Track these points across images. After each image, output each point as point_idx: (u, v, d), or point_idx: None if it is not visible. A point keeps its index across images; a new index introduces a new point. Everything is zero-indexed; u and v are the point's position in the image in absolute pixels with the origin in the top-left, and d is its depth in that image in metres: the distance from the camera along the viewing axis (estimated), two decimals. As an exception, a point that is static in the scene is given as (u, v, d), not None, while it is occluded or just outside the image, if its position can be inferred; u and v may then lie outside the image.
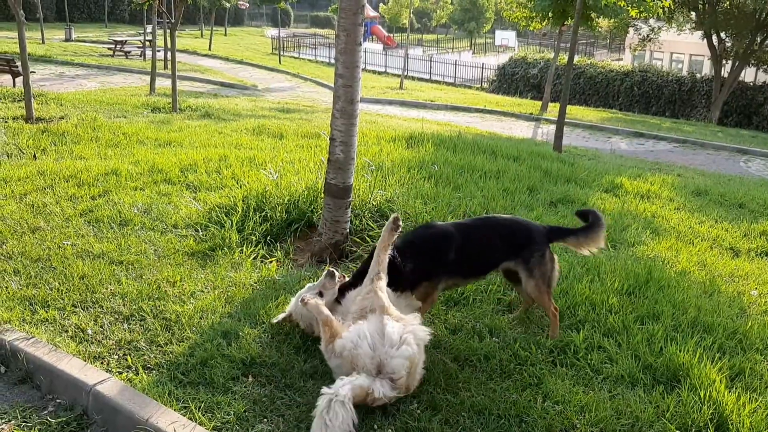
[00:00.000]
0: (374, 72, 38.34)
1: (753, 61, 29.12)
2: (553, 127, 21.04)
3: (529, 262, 4.28)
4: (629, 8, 18.08)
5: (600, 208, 7.79)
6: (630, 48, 37.59)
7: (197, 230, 5.91)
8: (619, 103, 32.34)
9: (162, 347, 4.00)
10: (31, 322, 4.24)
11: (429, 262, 4.16)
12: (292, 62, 39.02)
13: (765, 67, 30.00)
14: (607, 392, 3.74)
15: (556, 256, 4.48)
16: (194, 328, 4.18)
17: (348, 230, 5.84)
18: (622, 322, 4.49)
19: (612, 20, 27.87)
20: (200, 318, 4.31)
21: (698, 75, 32.04)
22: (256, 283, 4.95)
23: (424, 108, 23.18)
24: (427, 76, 38.80)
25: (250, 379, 3.70)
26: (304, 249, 5.95)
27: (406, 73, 28.95)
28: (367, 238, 5.81)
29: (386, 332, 3.42)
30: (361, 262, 5.54)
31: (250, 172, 7.63)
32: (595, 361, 4.03)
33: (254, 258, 5.49)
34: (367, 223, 6.07)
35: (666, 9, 22.96)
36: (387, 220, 6.08)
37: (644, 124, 23.00)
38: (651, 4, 18.01)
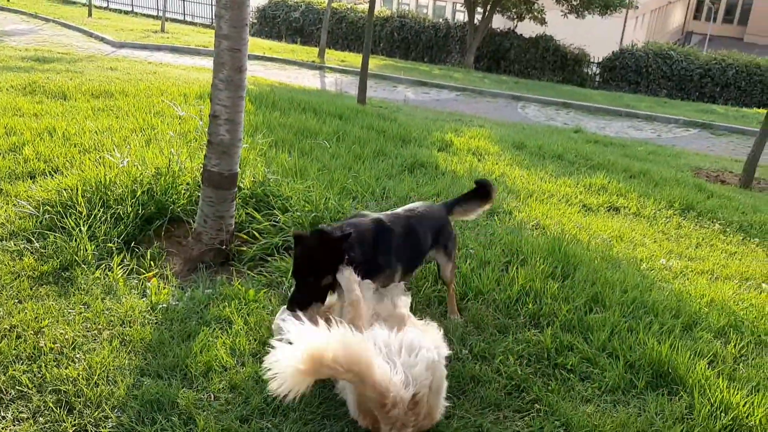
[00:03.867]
0: (119, 11, 34.32)
1: (498, 9, 31.20)
2: (338, 76, 20.86)
3: (446, 247, 4.03)
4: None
5: (454, 171, 7.57)
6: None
7: (30, 241, 4.45)
8: (381, 48, 32.80)
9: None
10: None
11: (387, 253, 3.56)
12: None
13: (508, 14, 32.37)
14: (612, 404, 3.41)
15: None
16: (109, 403, 3.01)
17: (234, 227, 4.81)
18: (576, 315, 4.20)
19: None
20: (109, 384, 3.13)
21: (450, 21, 33.58)
22: (148, 313, 3.80)
23: (198, 54, 21.22)
24: (181, 17, 35.80)
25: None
26: (177, 253, 4.80)
27: (165, 15, 26.23)
28: (257, 234, 4.84)
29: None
30: (255, 263, 4.64)
31: (65, 150, 6.04)
32: (576, 364, 3.69)
33: (125, 274, 4.26)
34: (248, 214, 5.07)
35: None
36: (268, 207, 5.22)
37: (420, 72, 23.56)
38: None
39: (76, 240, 4.42)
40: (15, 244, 4.41)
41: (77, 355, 3.34)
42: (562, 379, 3.60)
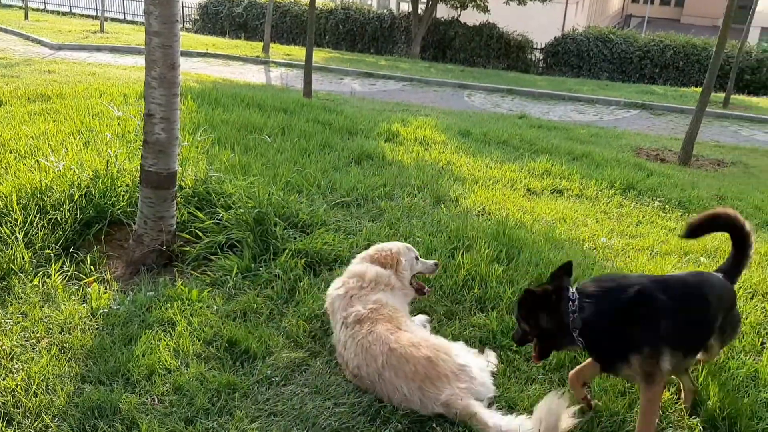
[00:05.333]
0: (57, 13, 33.34)
1: (441, -2, 31.36)
2: (283, 70, 20.69)
3: None
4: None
5: (401, 161, 7.59)
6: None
7: (-39, 250, 4.30)
8: (327, 41, 32.59)
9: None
10: None
11: None
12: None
13: (452, 2, 32.52)
14: (558, 383, 3.47)
15: None
16: (50, 412, 2.94)
17: (175, 227, 4.74)
18: (521, 296, 4.25)
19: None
20: (48, 393, 3.06)
21: (394, 11, 33.55)
22: (88, 319, 3.72)
23: (140, 54, 20.64)
24: (122, 17, 34.97)
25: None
26: (119, 256, 4.70)
27: (103, 14, 25.55)
28: (200, 233, 4.77)
29: None
30: (199, 263, 4.58)
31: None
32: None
33: (64, 280, 4.15)
34: (191, 213, 5.00)
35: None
36: (211, 205, 5.15)
37: (366, 63, 23.51)
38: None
39: (11, 248, 4.29)
40: (-55, 255, 4.26)
41: (15, 366, 3.25)
42: (508, 360, 3.65)
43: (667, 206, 6.90)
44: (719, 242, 5.77)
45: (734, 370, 3.65)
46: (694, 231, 3.47)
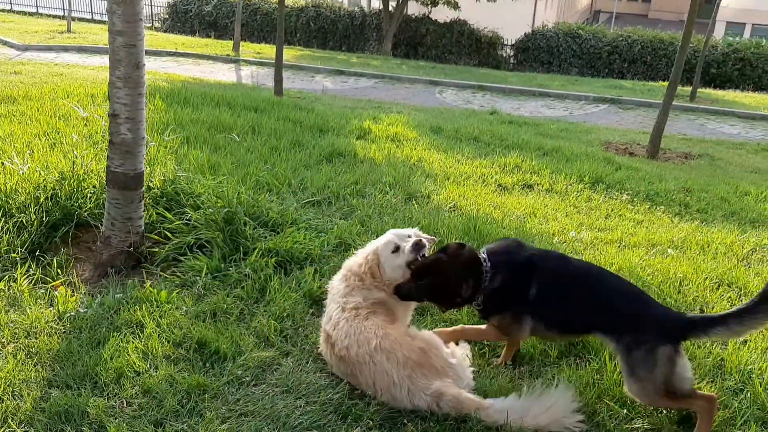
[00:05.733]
0: (24, 13, 32.75)
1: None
2: (254, 69, 20.56)
3: None
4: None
5: (372, 159, 7.60)
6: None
7: None
8: (298, 39, 32.45)
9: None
10: None
11: None
12: None
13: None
14: (528, 374, 3.50)
15: None
16: (16, 418, 2.89)
17: (143, 228, 4.69)
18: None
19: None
20: (15, 399, 3.01)
21: (365, 9, 33.53)
22: (55, 323, 3.66)
23: (108, 53, 20.45)
24: (89, 16, 34.46)
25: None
26: (86, 259, 4.64)
27: (70, 14, 25.15)
28: (168, 234, 4.72)
29: None
30: (168, 264, 4.54)
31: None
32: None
33: (30, 284, 4.09)
34: (159, 214, 4.95)
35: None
36: (180, 205, 5.10)
37: (337, 61, 23.45)
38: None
39: (-26, 253, 4.21)
40: None
41: (-21, 372, 3.19)
42: (481, 354, 3.68)
43: (635, 199, 6.99)
44: (686, 234, 5.87)
45: (701, 359, 3.71)
46: None
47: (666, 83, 12.44)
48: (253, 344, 3.60)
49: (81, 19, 31.85)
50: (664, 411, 3.26)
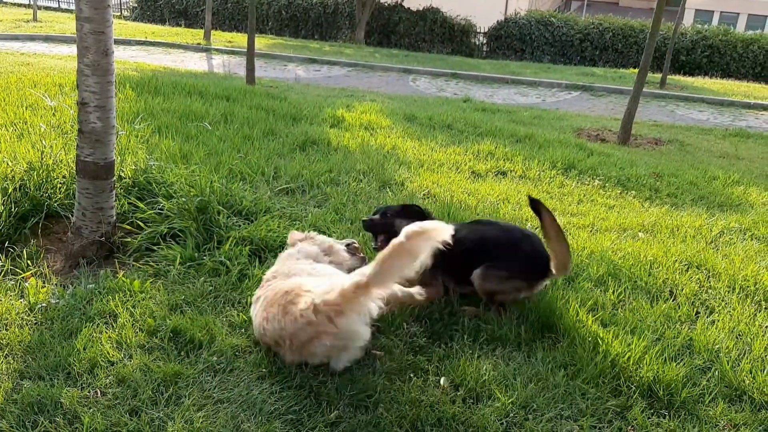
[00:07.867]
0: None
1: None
2: (225, 57, 20.37)
3: None
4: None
5: (346, 147, 7.59)
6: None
7: None
8: (270, 27, 32.17)
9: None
10: None
11: None
12: None
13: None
14: (502, 357, 3.54)
15: None
16: (-13, 410, 2.86)
17: (115, 218, 4.64)
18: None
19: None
20: (-15, 390, 2.97)
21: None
22: (26, 315, 3.62)
23: (75, 42, 20.09)
24: (56, 5, 33.80)
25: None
26: (57, 250, 4.58)
27: (36, 3, 24.65)
28: (141, 224, 4.68)
29: None
30: (141, 254, 4.50)
31: None
32: (467, 324, 3.80)
33: (-1, 276, 4.03)
34: (131, 204, 4.90)
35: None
36: (152, 195, 5.05)
37: (310, 50, 23.31)
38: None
39: (-59, 245, 4.13)
40: None
41: (-53, 365, 3.14)
42: (456, 338, 3.71)
43: (607, 184, 7.07)
44: (656, 218, 5.96)
45: (670, 339, 3.79)
46: None
47: (636, 70, 12.55)
48: (227, 332, 3.59)
49: (47, 8, 31.29)
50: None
